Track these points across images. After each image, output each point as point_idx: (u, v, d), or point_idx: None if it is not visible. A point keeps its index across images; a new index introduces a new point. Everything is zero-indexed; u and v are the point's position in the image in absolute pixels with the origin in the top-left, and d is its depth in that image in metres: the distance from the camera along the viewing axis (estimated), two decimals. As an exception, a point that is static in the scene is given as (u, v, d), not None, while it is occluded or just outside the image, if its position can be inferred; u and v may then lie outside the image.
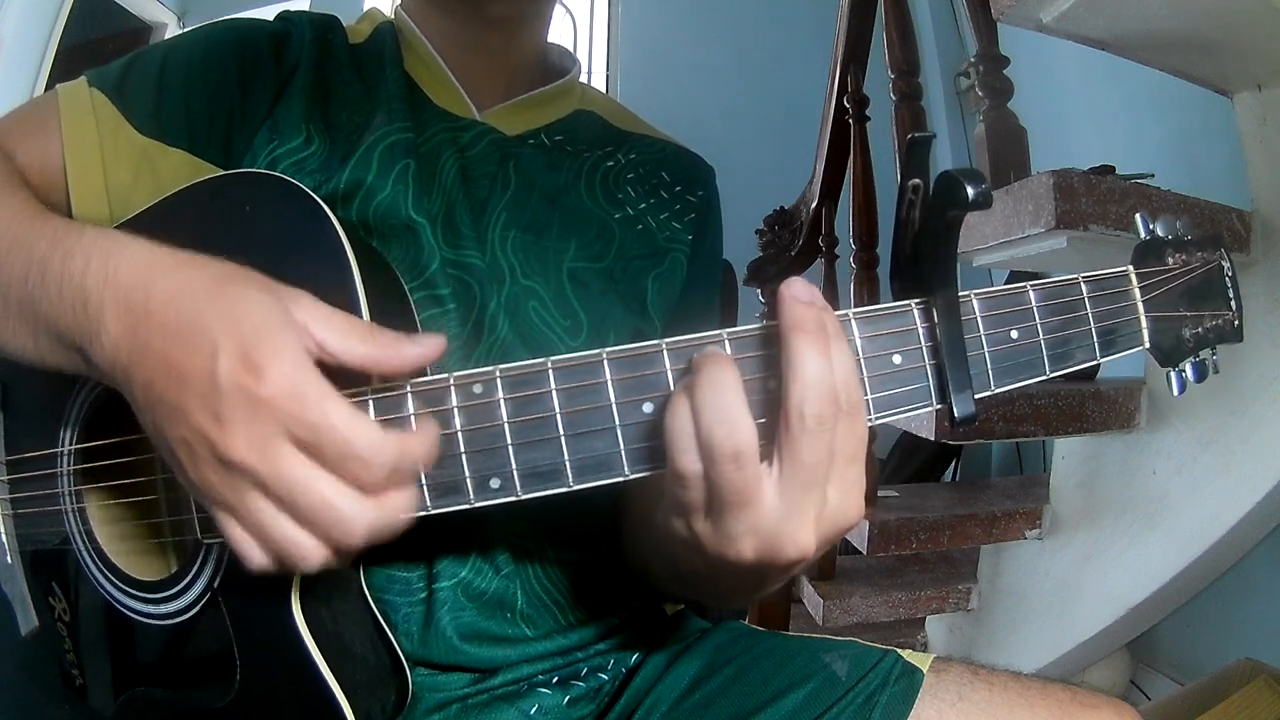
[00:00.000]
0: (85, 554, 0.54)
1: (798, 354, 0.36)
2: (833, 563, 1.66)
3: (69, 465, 0.54)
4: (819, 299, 0.38)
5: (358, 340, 0.38)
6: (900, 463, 2.50)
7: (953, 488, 1.90)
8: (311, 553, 0.38)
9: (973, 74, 1.54)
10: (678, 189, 0.73)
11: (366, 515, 0.37)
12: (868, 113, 1.75)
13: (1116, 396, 1.37)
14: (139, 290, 0.39)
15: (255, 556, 0.38)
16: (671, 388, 0.40)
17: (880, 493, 1.61)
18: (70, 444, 0.54)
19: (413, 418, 0.41)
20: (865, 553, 1.49)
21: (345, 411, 0.36)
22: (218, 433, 0.36)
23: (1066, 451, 1.52)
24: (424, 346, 0.39)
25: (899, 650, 0.58)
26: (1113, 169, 1.30)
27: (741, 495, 0.36)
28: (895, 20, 1.62)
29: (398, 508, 0.38)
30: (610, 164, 0.71)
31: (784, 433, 0.36)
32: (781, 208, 2.08)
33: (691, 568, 0.42)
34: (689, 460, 0.37)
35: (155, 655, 0.52)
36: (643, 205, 0.71)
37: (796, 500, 0.37)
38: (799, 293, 0.37)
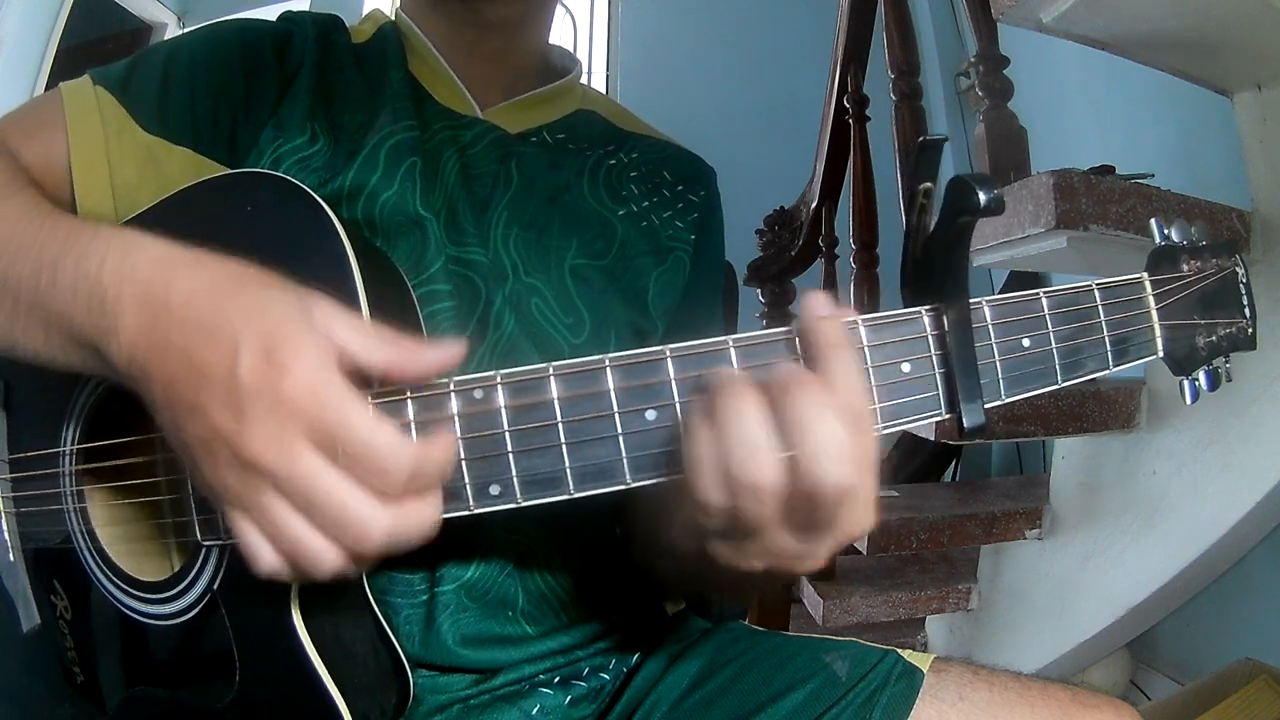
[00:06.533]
0: (87, 553, 0.54)
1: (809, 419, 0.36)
2: (833, 563, 1.66)
3: (71, 465, 0.54)
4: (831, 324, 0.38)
5: (378, 346, 0.38)
6: (900, 463, 2.50)
7: (953, 488, 1.89)
8: (325, 557, 0.36)
9: (973, 74, 1.54)
10: (680, 188, 0.73)
11: (382, 522, 0.36)
12: (868, 113, 1.75)
13: (1116, 396, 1.37)
14: (158, 285, 0.39)
15: (267, 558, 0.37)
16: (675, 395, 0.39)
17: (880, 493, 1.61)
18: (72, 443, 0.54)
19: (412, 425, 0.40)
20: (865, 553, 1.50)
21: (366, 416, 0.36)
22: (237, 430, 0.35)
23: (1066, 451, 1.52)
24: (443, 352, 0.39)
25: (899, 650, 0.58)
26: (1113, 169, 1.30)
27: (761, 526, 0.37)
28: (895, 20, 1.62)
29: (417, 517, 0.37)
30: (612, 162, 0.71)
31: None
32: (781, 208, 2.09)
33: (700, 574, 0.44)
34: (716, 494, 0.36)
35: (156, 655, 0.52)
36: (646, 203, 0.71)
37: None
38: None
